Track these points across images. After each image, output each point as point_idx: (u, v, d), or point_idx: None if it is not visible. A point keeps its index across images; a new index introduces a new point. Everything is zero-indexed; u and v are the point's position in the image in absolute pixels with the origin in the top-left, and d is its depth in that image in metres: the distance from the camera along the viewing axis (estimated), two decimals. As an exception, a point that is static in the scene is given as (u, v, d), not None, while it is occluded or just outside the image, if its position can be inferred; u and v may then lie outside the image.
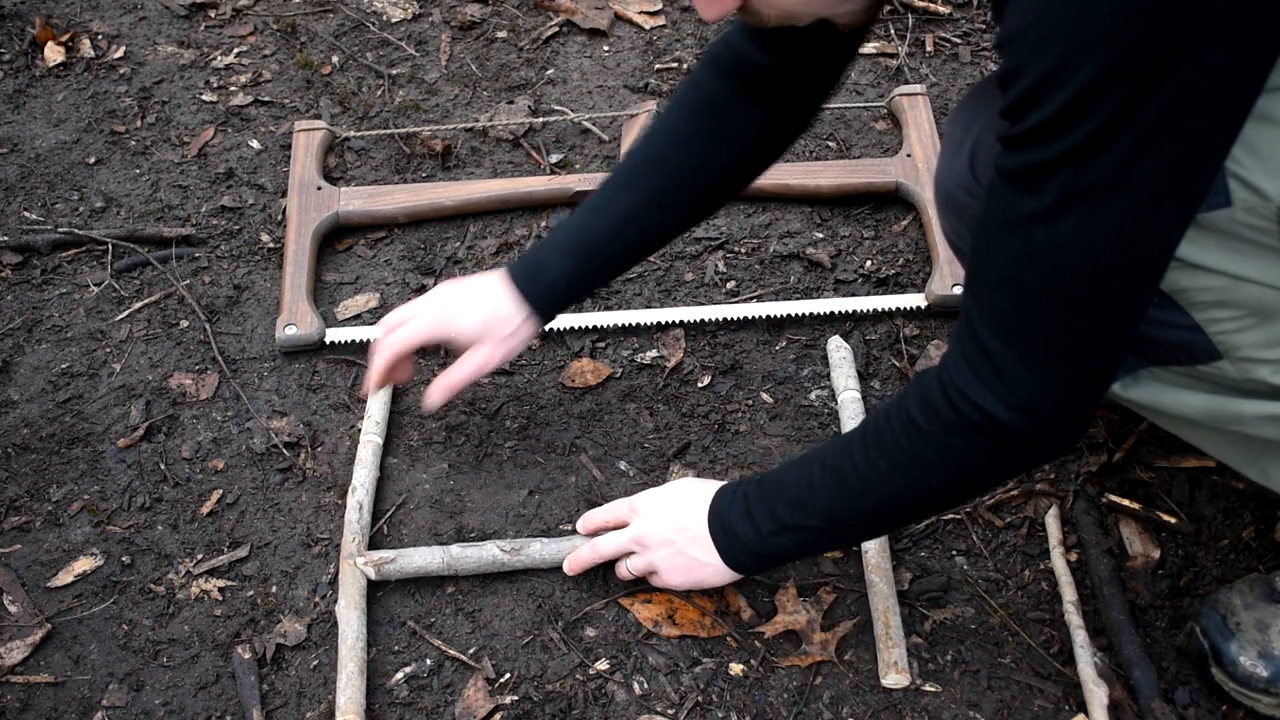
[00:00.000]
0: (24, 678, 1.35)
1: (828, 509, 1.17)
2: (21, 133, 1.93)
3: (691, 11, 2.09)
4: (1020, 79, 0.85)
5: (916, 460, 1.08)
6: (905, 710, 1.30)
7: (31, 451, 1.55)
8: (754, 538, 1.22)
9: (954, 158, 1.24)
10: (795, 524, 1.19)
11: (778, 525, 1.20)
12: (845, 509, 1.17)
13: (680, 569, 1.31)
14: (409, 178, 1.85)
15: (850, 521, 1.19)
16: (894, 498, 1.13)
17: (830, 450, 1.17)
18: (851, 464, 1.13)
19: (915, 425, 1.06)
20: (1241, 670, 1.22)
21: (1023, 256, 0.93)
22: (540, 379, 1.61)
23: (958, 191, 1.23)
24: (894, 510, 1.16)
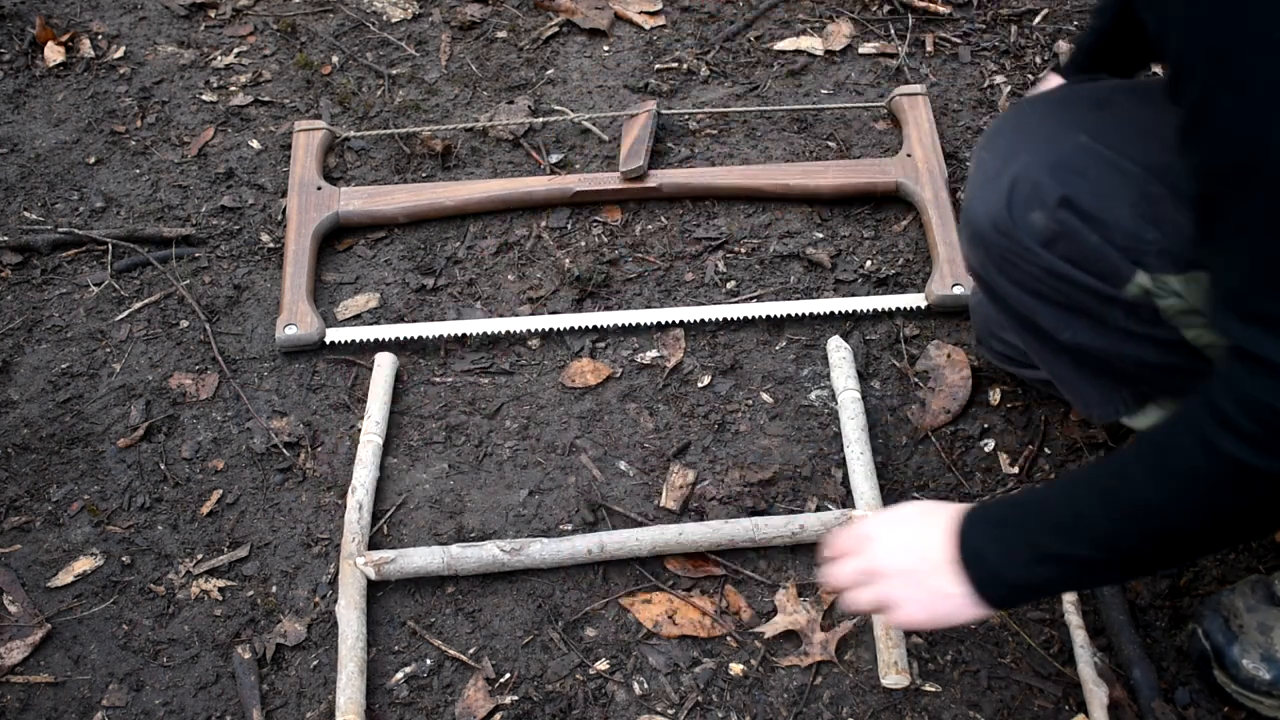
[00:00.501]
0: (24, 678, 1.35)
1: (1105, 537, 1.00)
2: (21, 133, 1.93)
3: (692, 11, 2.09)
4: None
5: (1215, 483, 0.93)
6: (905, 710, 1.30)
7: (31, 451, 1.55)
8: (1009, 568, 1.05)
9: (988, 190, 1.14)
10: (1061, 554, 1.02)
11: (1038, 554, 1.03)
12: (1126, 537, 1.00)
13: (921, 603, 1.10)
14: (409, 178, 1.85)
15: (1132, 551, 1.01)
16: (1187, 526, 0.98)
17: (1100, 473, 1.04)
18: (1130, 488, 0.98)
19: (1211, 445, 0.92)
20: (1244, 673, 1.22)
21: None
22: (540, 379, 1.61)
23: (989, 229, 1.13)
24: (1186, 539, 1.00)
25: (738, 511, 1.46)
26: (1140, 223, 1.04)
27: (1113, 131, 1.07)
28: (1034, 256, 1.09)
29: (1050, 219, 1.06)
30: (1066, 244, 1.07)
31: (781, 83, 1.96)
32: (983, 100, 1.92)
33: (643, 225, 1.77)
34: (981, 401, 1.56)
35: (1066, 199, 1.05)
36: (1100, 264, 1.06)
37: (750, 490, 1.48)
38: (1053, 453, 1.50)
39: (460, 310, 1.68)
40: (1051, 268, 1.09)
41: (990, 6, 2.06)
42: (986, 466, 1.50)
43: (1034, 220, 1.07)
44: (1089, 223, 1.05)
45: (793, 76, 1.97)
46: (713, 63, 2.00)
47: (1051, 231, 1.07)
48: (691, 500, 1.48)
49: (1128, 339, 1.12)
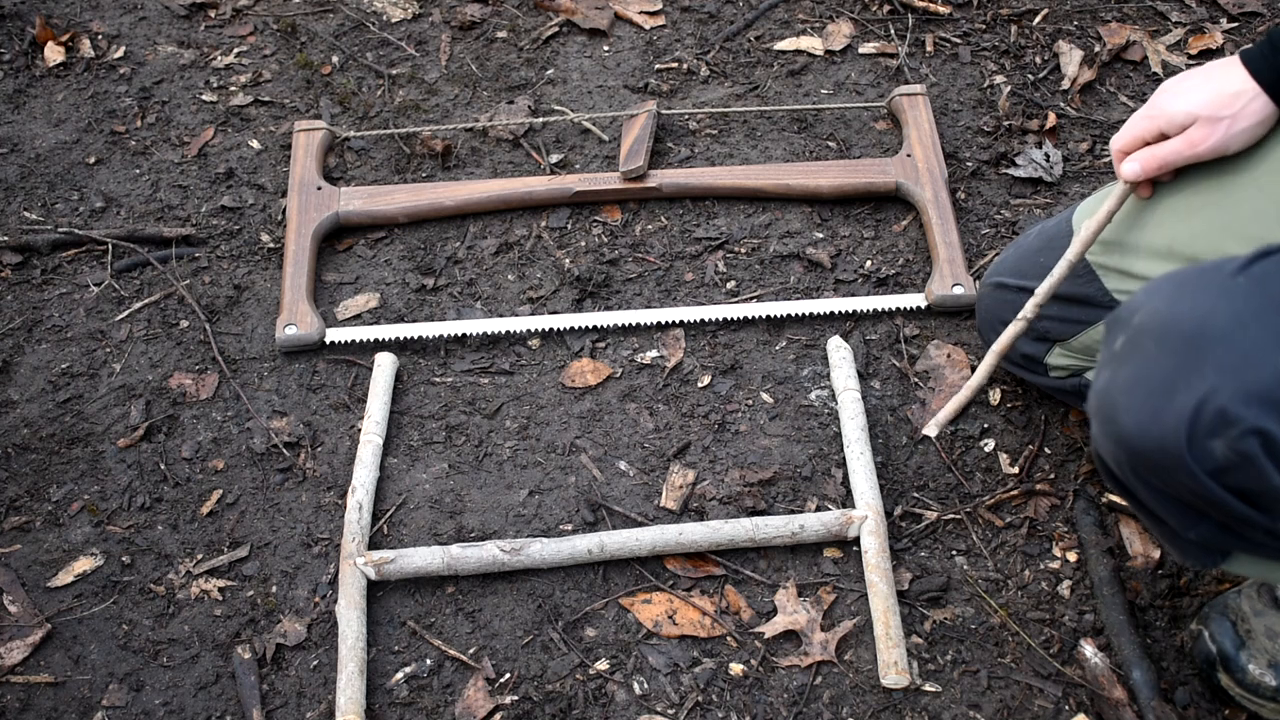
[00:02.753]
0: (24, 678, 1.35)
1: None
2: (21, 133, 1.93)
3: (692, 11, 2.09)
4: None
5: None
6: (905, 710, 1.30)
7: (31, 451, 1.55)
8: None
9: (1158, 403, 0.94)
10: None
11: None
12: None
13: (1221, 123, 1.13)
14: (409, 178, 1.85)
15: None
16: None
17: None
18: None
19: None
20: (1250, 678, 1.22)
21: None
22: (540, 379, 1.61)
23: (1151, 446, 0.96)
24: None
25: (738, 511, 1.47)
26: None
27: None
28: (1195, 481, 0.95)
29: (1233, 451, 0.91)
30: (1242, 477, 0.93)
31: (781, 83, 1.96)
32: (983, 100, 1.92)
33: (643, 225, 1.77)
34: (981, 401, 1.56)
35: (1259, 432, 0.90)
36: (1273, 503, 0.94)
37: (750, 490, 1.48)
38: (1053, 453, 1.50)
39: (460, 310, 1.68)
40: (1211, 495, 0.95)
41: (990, 6, 2.06)
42: (986, 466, 1.50)
43: (1213, 449, 0.92)
44: (1277, 461, 0.91)
45: (793, 76, 1.97)
46: (713, 63, 2.00)
47: (1230, 463, 0.92)
48: (691, 500, 1.48)
49: (1257, 546, 1.02)
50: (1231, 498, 0.95)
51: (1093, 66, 1.95)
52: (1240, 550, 1.04)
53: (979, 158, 1.83)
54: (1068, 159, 1.83)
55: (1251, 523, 0.97)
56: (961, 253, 1.66)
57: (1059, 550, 1.43)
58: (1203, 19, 2.04)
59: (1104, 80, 1.94)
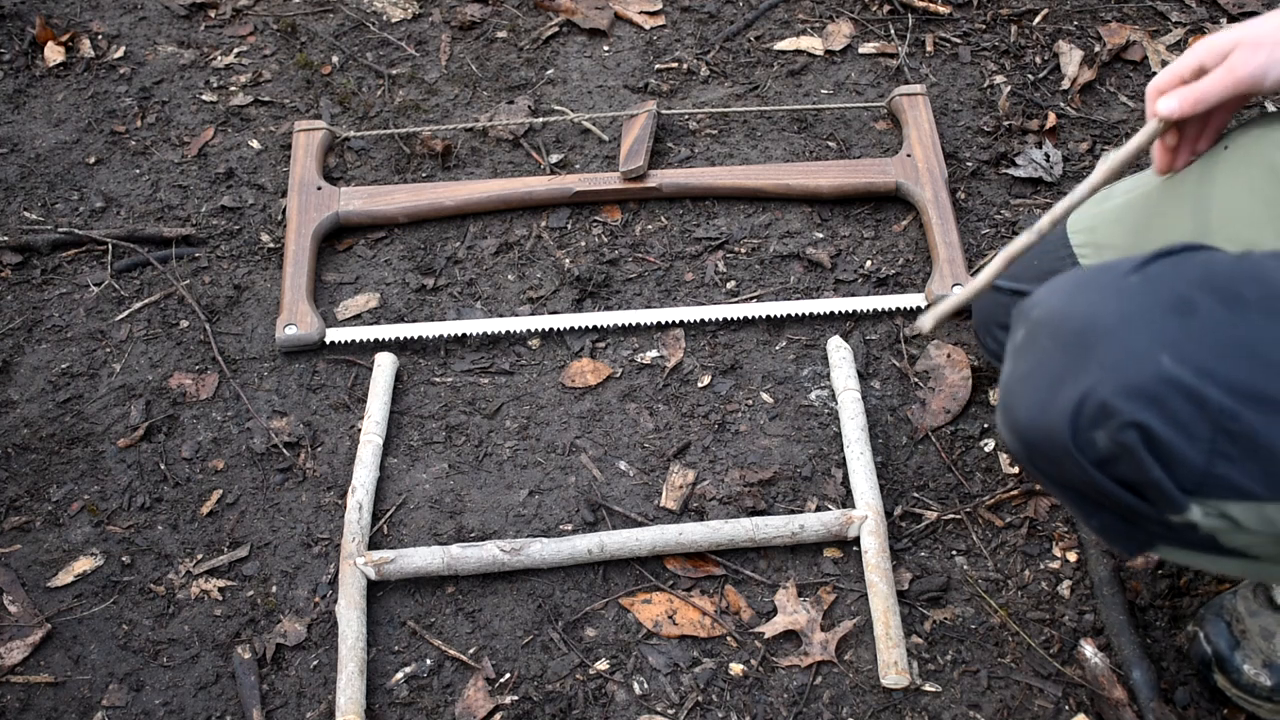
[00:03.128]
0: (24, 678, 1.35)
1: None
2: (21, 133, 1.93)
3: (692, 11, 2.09)
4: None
5: None
6: (905, 710, 1.30)
7: (31, 451, 1.55)
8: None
9: (1046, 396, 0.98)
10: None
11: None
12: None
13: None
14: (409, 178, 1.85)
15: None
16: None
17: None
18: None
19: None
20: (1245, 678, 1.23)
21: None
22: (540, 379, 1.61)
23: (1039, 436, 1.00)
24: None
25: (738, 511, 1.47)
26: (1213, 459, 0.94)
27: (1198, 350, 0.93)
28: (1083, 471, 0.99)
29: (1113, 442, 0.95)
30: (1124, 468, 0.96)
31: (781, 83, 1.96)
32: (983, 100, 1.92)
33: (643, 225, 1.77)
34: (981, 401, 1.56)
35: (1137, 425, 0.93)
36: (1155, 493, 0.97)
37: (750, 490, 1.48)
38: (1053, 453, 1.50)
39: (460, 310, 1.68)
40: (1097, 483, 0.99)
41: (990, 6, 2.06)
42: (986, 466, 1.50)
43: (1095, 440, 0.96)
44: (1155, 453, 0.94)
45: (793, 76, 1.97)
46: (713, 63, 2.00)
47: (1111, 454, 0.96)
48: (691, 500, 1.48)
49: (1157, 536, 1.05)
50: (1119, 489, 0.98)
51: (1093, 66, 1.95)
52: (1151, 542, 1.07)
53: (979, 158, 1.83)
54: (1068, 159, 1.83)
55: (1141, 513, 1.00)
56: (961, 253, 1.66)
57: (1059, 550, 1.43)
58: (1203, 19, 2.04)
59: (1104, 80, 1.94)
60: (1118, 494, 0.99)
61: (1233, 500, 0.96)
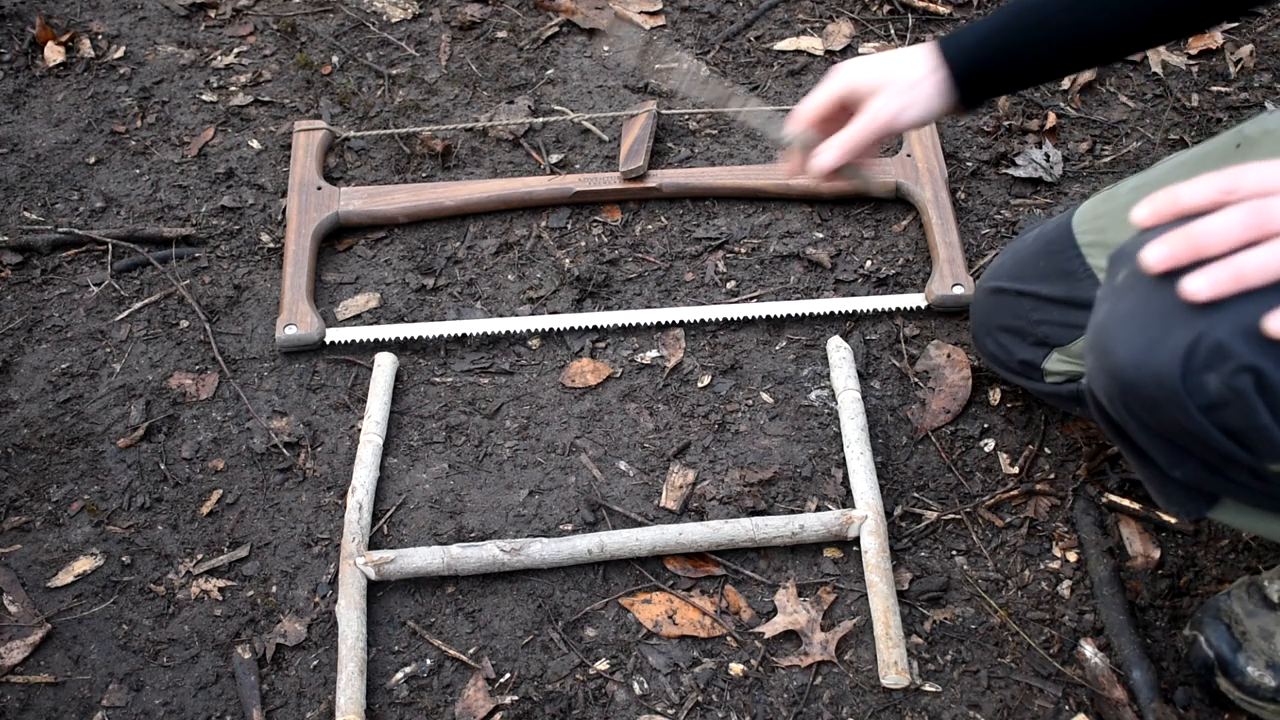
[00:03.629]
0: (24, 678, 1.35)
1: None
2: (21, 133, 1.93)
3: (692, 11, 2.09)
4: None
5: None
6: (905, 710, 1.30)
7: (31, 451, 1.55)
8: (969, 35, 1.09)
9: (1156, 334, 0.93)
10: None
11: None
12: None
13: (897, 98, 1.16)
14: (409, 178, 1.85)
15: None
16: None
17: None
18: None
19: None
20: (1249, 680, 1.22)
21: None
22: (540, 379, 1.61)
23: (1146, 379, 0.96)
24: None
25: (738, 511, 1.47)
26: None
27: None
28: (1186, 416, 0.95)
29: (1226, 386, 0.91)
30: (1233, 415, 0.93)
31: (781, 83, 1.96)
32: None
33: (643, 225, 1.77)
34: (981, 401, 1.56)
35: (1253, 369, 0.90)
36: (1261, 442, 0.94)
37: (750, 490, 1.48)
38: (1053, 452, 1.50)
39: (460, 310, 1.68)
40: (1200, 430, 0.95)
41: (990, 6, 2.06)
42: (986, 466, 1.50)
43: (1207, 383, 0.92)
44: (1268, 399, 0.91)
45: (793, 76, 1.97)
46: (713, 63, 2.00)
47: (1222, 399, 0.92)
48: (691, 500, 1.48)
49: (1242, 488, 1.04)
50: (1220, 435, 0.95)
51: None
52: (1228, 495, 1.05)
53: (979, 158, 1.83)
54: (1068, 159, 1.83)
55: (1237, 461, 0.98)
56: (961, 253, 1.66)
57: (1059, 550, 1.43)
58: (1203, 19, 2.04)
59: (1104, 80, 1.94)
60: (1219, 442, 0.96)
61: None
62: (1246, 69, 1.96)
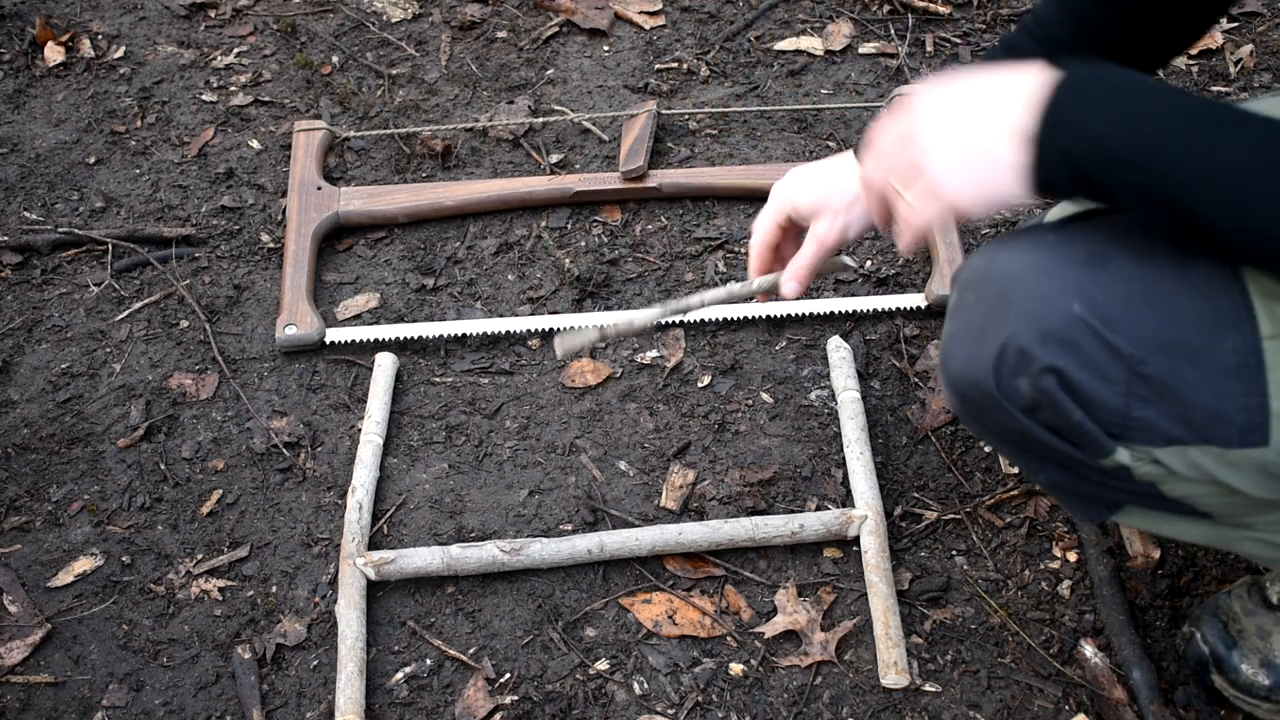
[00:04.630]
0: (24, 678, 1.35)
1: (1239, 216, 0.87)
2: (21, 133, 1.93)
3: (692, 11, 2.09)
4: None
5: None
6: (905, 710, 1.30)
7: (31, 451, 1.55)
8: (1087, 153, 0.90)
9: (973, 347, 1.02)
10: (1145, 181, 0.89)
11: (1128, 162, 0.89)
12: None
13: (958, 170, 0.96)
14: (409, 178, 1.85)
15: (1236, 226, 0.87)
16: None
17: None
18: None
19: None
20: (1243, 678, 1.23)
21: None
22: (540, 379, 1.61)
23: (970, 387, 1.04)
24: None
25: (738, 511, 1.47)
26: (1130, 401, 0.98)
27: (1109, 301, 0.97)
28: (1013, 420, 1.03)
29: (1034, 388, 0.99)
30: (1049, 414, 1.01)
31: (781, 83, 1.96)
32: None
33: (643, 225, 1.77)
34: (981, 401, 1.56)
35: (1054, 370, 0.98)
36: (1081, 437, 1.02)
37: (750, 490, 1.48)
38: (1053, 453, 1.50)
39: (460, 310, 1.68)
40: (1029, 431, 1.04)
41: (990, 6, 2.06)
42: (986, 466, 1.50)
43: (1019, 387, 1.00)
44: (1074, 396, 0.99)
45: (793, 76, 1.98)
46: (713, 63, 2.00)
47: (1035, 400, 1.00)
48: (691, 500, 1.48)
49: (1103, 487, 1.09)
50: (1050, 435, 1.03)
51: (1093, 66, 1.95)
52: (1125, 503, 1.11)
53: (979, 158, 1.83)
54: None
55: (1079, 461, 1.04)
56: (961, 253, 1.66)
57: (1059, 550, 1.43)
58: (1203, 19, 2.04)
59: (1104, 80, 1.94)
60: (1050, 441, 1.03)
61: (1158, 445, 1.00)
62: (1246, 69, 1.96)
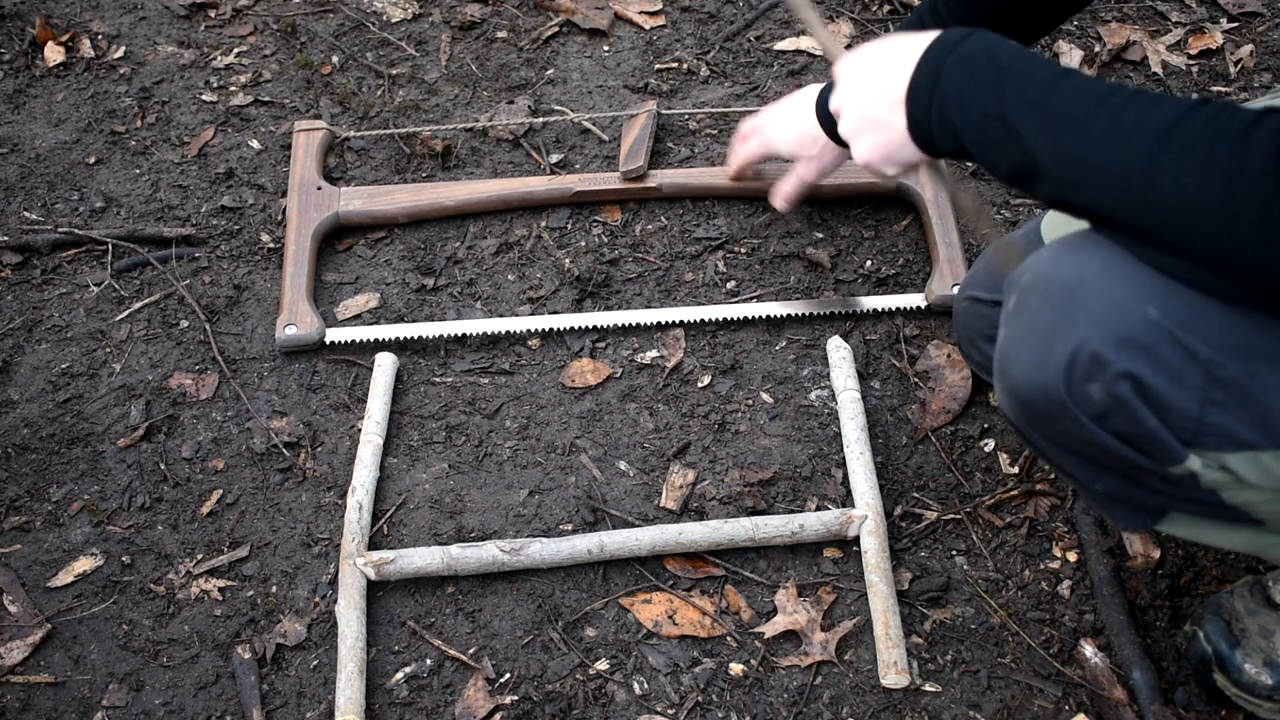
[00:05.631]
0: (24, 678, 1.35)
1: (1069, 149, 0.96)
2: (21, 133, 1.93)
3: (692, 11, 2.09)
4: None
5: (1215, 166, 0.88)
6: (905, 710, 1.30)
7: (31, 451, 1.55)
8: (960, 107, 1.01)
9: (1040, 353, 1.00)
10: (1019, 129, 0.97)
11: (996, 115, 0.99)
12: (1090, 155, 0.95)
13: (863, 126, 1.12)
14: (409, 178, 1.85)
15: (1082, 175, 0.96)
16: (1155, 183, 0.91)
17: (1123, 103, 0.96)
18: (1140, 121, 0.93)
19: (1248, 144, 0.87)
20: (1246, 677, 1.22)
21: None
22: (540, 379, 1.61)
23: (1036, 394, 1.02)
24: (1143, 202, 0.93)
25: (738, 511, 1.47)
26: (1205, 406, 0.96)
27: (1184, 305, 0.95)
28: (1081, 428, 1.01)
29: (1108, 394, 0.97)
30: (1120, 421, 0.99)
31: (781, 83, 1.96)
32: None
33: (643, 225, 1.77)
34: (981, 401, 1.56)
35: (1129, 375, 0.96)
36: (1152, 445, 0.99)
37: (750, 490, 1.48)
38: (1053, 453, 1.50)
39: (460, 310, 1.68)
40: (1096, 440, 1.01)
41: (990, 6, 2.06)
42: (986, 466, 1.50)
43: (1091, 393, 0.98)
44: (1149, 403, 0.96)
45: (793, 76, 1.97)
46: (713, 63, 2.00)
47: (1107, 407, 0.98)
48: (691, 500, 1.48)
49: (1161, 495, 1.08)
50: (1117, 442, 1.01)
51: (1093, 66, 1.95)
52: (1169, 508, 1.09)
53: (979, 158, 1.83)
54: (1068, 159, 1.83)
55: (1142, 468, 1.03)
56: (961, 253, 1.66)
57: (1059, 550, 1.43)
58: (1203, 19, 2.04)
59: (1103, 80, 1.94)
60: (1116, 449, 1.01)
61: (1229, 450, 0.98)
62: (1246, 69, 1.96)
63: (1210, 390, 0.96)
